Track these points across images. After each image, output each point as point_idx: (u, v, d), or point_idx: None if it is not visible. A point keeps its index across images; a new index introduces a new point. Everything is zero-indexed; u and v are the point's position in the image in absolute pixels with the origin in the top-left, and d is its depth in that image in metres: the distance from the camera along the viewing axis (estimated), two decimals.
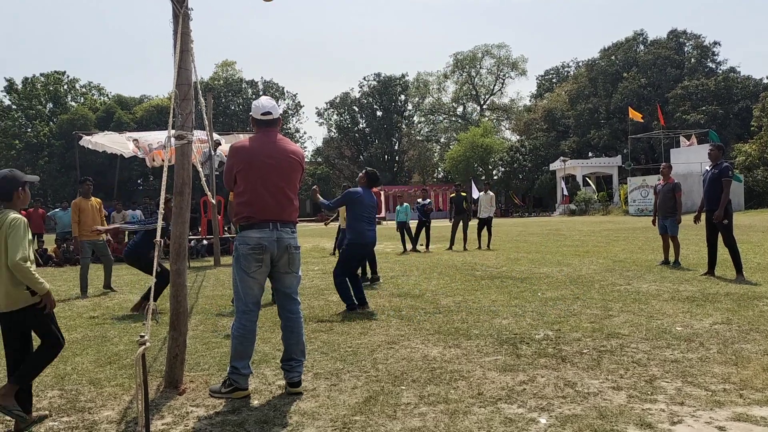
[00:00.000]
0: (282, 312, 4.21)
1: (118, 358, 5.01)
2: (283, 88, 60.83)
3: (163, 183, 4.13)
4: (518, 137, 61.47)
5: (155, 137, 15.50)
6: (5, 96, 54.78)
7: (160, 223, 3.96)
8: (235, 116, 56.24)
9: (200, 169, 5.65)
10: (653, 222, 10.61)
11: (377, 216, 7.78)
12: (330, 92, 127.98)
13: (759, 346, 4.79)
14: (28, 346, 3.69)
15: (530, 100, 68.81)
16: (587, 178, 47.80)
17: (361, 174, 7.54)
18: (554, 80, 67.16)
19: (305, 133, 68.31)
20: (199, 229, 17.15)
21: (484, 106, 70.80)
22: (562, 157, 47.26)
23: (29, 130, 53.21)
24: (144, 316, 6.84)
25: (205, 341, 5.57)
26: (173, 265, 4.30)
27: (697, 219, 9.10)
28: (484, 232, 15.88)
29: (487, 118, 67.74)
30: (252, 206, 4.01)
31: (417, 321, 6.25)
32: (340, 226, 15.47)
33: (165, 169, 4.11)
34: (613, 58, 53.41)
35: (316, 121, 68.57)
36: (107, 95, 60.66)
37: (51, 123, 53.57)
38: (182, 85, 4.29)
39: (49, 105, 56.84)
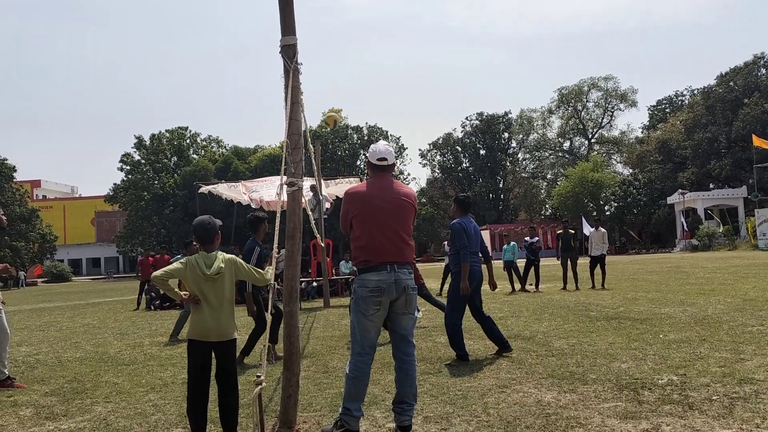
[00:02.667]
0: (397, 354, 4.22)
1: None
2: (386, 132, 62.20)
3: (276, 229, 4.32)
4: (631, 170, 58.91)
5: (266, 190, 16.39)
6: (136, 152, 59.92)
7: (273, 267, 4.14)
8: (342, 161, 58.05)
9: (310, 214, 5.87)
10: None
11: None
12: (432, 133, 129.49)
13: None
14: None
15: (642, 132, 65.98)
16: (709, 212, 44.75)
17: (453, 205, 7.22)
18: (667, 110, 64.13)
19: (409, 174, 69.16)
20: (310, 271, 17.69)
21: (593, 140, 68.62)
22: (680, 190, 44.70)
23: (156, 182, 57.66)
24: (259, 358, 7.11)
25: (317, 382, 5.68)
26: (286, 307, 4.46)
27: None
28: (598, 270, 15.20)
29: (596, 152, 65.53)
30: (368, 250, 4.09)
31: (528, 364, 6.05)
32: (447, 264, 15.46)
33: (278, 215, 4.31)
34: (731, 83, 50.29)
35: (420, 162, 69.26)
36: (225, 147, 64.72)
37: (175, 175, 57.76)
38: (293, 134, 4.51)
39: (174, 158, 61.44)
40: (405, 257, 4.16)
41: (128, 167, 59.11)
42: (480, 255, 6.78)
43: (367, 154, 4.32)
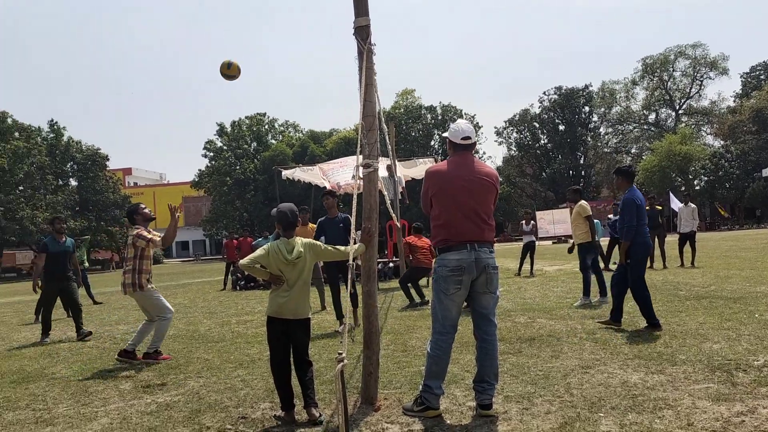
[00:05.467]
0: (478, 333, 4.21)
1: (319, 374, 5.35)
2: (461, 110, 61.44)
3: (353, 211, 4.39)
4: (722, 142, 55.57)
5: (341, 174, 16.61)
6: (218, 139, 62.07)
7: (352, 248, 4.21)
8: (416, 142, 57.91)
9: (385, 195, 5.91)
10: None
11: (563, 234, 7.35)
12: (508, 111, 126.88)
13: None
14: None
15: (734, 101, 61.89)
16: None
17: (617, 178, 7.23)
18: (762, 77, 59.86)
19: (484, 153, 67.99)
20: (386, 252, 17.83)
21: (680, 111, 65.05)
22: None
23: (237, 167, 59.57)
24: (340, 335, 7.28)
25: (396, 360, 5.76)
26: (365, 287, 4.53)
27: None
28: (687, 247, 14.51)
29: (684, 124, 62.13)
30: (448, 229, 4.09)
31: (613, 344, 5.88)
32: (527, 243, 15.19)
33: (354, 197, 4.37)
34: None
35: (495, 141, 68.15)
36: (301, 131, 65.98)
37: (255, 160, 59.48)
38: (368, 116, 4.54)
39: (253, 144, 63.23)
40: (485, 236, 4.12)
41: (211, 154, 61.37)
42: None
43: (448, 134, 4.28)
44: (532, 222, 15.86)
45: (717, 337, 5.89)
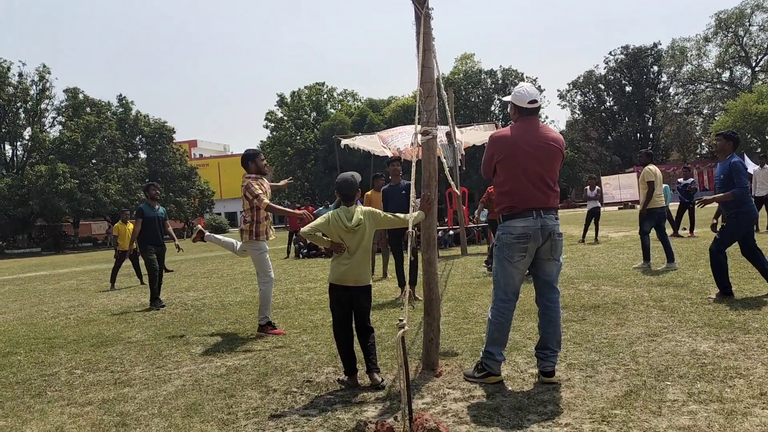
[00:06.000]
0: (540, 300, 4.17)
1: (381, 341, 5.44)
2: (522, 74, 59.87)
3: (412, 178, 4.38)
4: None
5: (401, 140, 16.51)
6: (278, 109, 62.85)
7: (412, 215, 4.22)
8: (476, 107, 56.96)
9: (444, 162, 5.87)
10: None
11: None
12: (572, 73, 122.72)
13: None
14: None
15: None
16: None
17: (721, 142, 6.86)
18: None
19: (547, 117, 66.28)
20: (446, 219, 17.78)
21: (757, 69, 61.26)
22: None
23: (298, 137, 60.28)
24: (401, 302, 7.35)
25: (457, 327, 5.78)
26: (425, 254, 4.55)
27: None
28: (763, 211, 13.81)
29: (761, 82, 58.56)
30: (514, 196, 4.02)
31: (682, 312, 5.71)
32: (591, 209, 14.81)
33: (413, 165, 4.36)
34: None
35: (558, 104, 66.27)
36: (360, 100, 65.97)
37: (315, 130, 60.00)
38: (426, 83, 4.49)
39: (313, 114, 63.73)
40: (551, 203, 4.05)
41: (272, 124, 62.28)
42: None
43: (512, 98, 4.15)
44: (597, 187, 15.43)
45: None
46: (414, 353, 4.85)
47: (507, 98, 4.21)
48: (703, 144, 60.91)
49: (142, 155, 55.27)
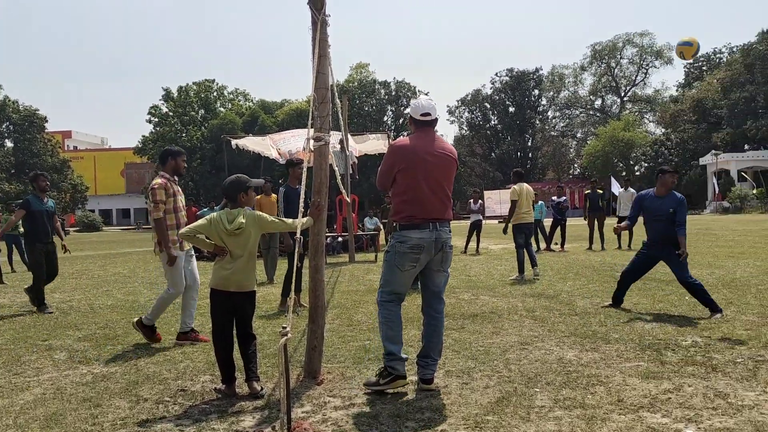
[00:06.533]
0: (427, 310, 4.25)
1: (262, 348, 5.33)
2: (414, 87, 61.36)
3: (303, 183, 4.34)
4: (663, 130, 57.48)
5: (293, 143, 16.36)
6: (163, 104, 60.20)
7: (300, 221, 4.17)
8: (369, 117, 57.64)
9: (336, 169, 5.87)
10: None
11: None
12: (461, 90, 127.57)
13: None
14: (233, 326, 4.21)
15: (677, 90, 63.96)
16: (743, 173, 43.68)
17: (671, 177, 6.70)
18: (704, 68, 61.95)
19: (437, 131, 68.24)
20: (335, 226, 17.81)
21: (625, 98, 66.88)
22: (713, 151, 43.65)
23: (184, 134, 58.00)
24: (285, 310, 7.25)
25: (341, 335, 5.79)
26: (312, 261, 4.51)
27: None
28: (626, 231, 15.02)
29: (628, 111, 63.95)
30: (415, 205, 4.05)
31: (551, 322, 6.07)
32: (474, 222, 15.40)
33: (304, 170, 4.32)
34: None
35: (447, 119, 68.37)
36: (251, 100, 64.66)
37: (203, 128, 58.02)
38: (320, 88, 4.48)
39: (201, 111, 61.61)
40: (447, 214, 4.16)
41: (156, 119, 59.53)
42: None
43: (410, 109, 4.25)
44: (480, 201, 16.09)
45: (649, 317, 6.16)
46: (296, 361, 4.80)
47: (407, 110, 4.31)
48: (575, 165, 65.34)
49: (9, 144, 50.91)
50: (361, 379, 4.29)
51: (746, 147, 48.62)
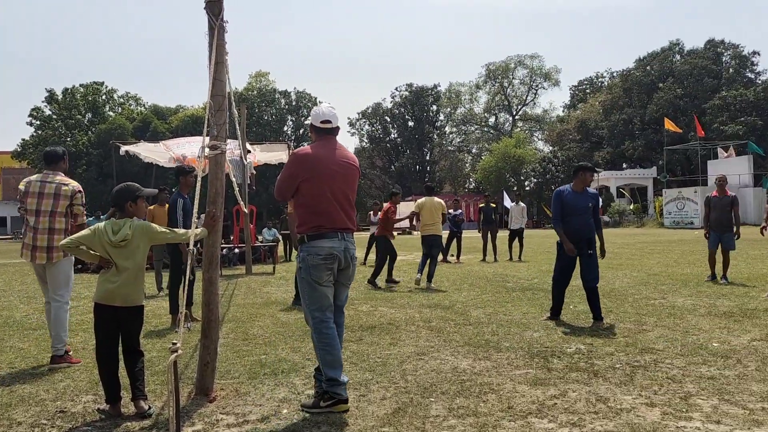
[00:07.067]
0: None
1: (151, 365, 5.07)
2: (315, 98, 61.31)
3: (197, 192, 4.19)
4: (551, 148, 60.88)
5: (189, 148, 15.77)
6: (46, 106, 56.39)
7: (193, 233, 4.02)
8: (268, 126, 56.90)
9: (233, 179, 5.73)
10: (705, 236, 9.97)
11: (399, 227, 7.70)
12: (362, 102, 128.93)
13: None
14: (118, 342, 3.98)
15: (563, 111, 68.17)
16: (621, 190, 47.07)
17: (587, 174, 7.19)
18: (588, 90, 66.45)
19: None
20: (231, 237, 17.36)
21: (517, 117, 70.33)
22: (595, 168, 46.72)
23: (69, 139, 54.57)
24: (176, 324, 6.95)
25: (236, 349, 5.62)
26: (206, 274, 4.36)
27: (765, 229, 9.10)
28: (516, 243, 15.72)
29: (519, 129, 67.27)
30: (322, 215, 3.97)
31: (447, 332, 6.21)
32: (374, 234, 15.50)
33: (199, 179, 4.17)
34: (648, 68, 52.69)
35: (348, 131, 68.80)
36: (144, 105, 61.97)
37: (90, 132, 54.88)
38: (217, 96, 4.36)
39: (88, 115, 58.28)
40: (353, 224, 4.12)
41: (38, 122, 55.65)
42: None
43: (310, 118, 4.18)
44: (380, 213, 16.24)
45: (537, 326, 6.46)
46: (188, 378, 4.60)
47: (308, 120, 4.26)
48: (471, 179, 67.74)
49: None
50: (256, 395, 4.18)
51: (624, 165, 52.57)
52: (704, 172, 40.27)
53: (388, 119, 67.26)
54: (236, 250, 16.20)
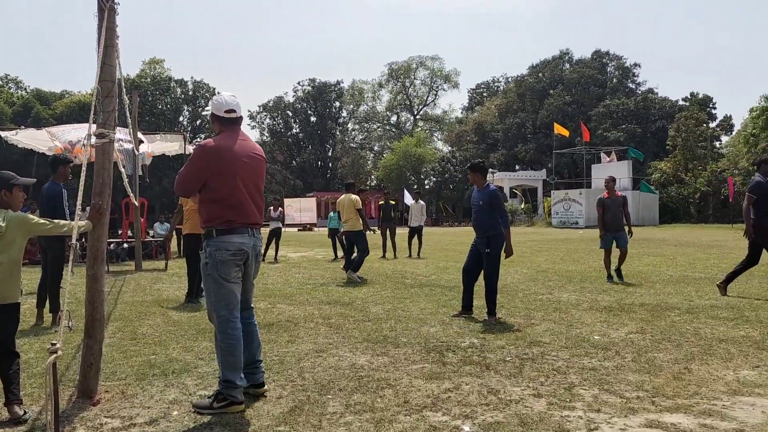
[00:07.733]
0: (240, 321, 4.06)
1: (28, 367, 4.71)
2: (214, 89, 59.52)
3: (81, 183, 3.92)
4: (450, 148, 62.63)
5: (75, 134, 14.80)
6: None
7: (76, 225, 3.77)
8: (162, 116, 54.61)
9: (122, 170, 5.43)
10: (601, 236, 10.06)
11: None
12: (263, 95, 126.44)
13: (670, 355, 5.04)
14: None
15: (462, 113, 70.34)
16: (515, 190, 49.22)
17: (475, 175, 7.11)
18: (485, 94, 68.96)
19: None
20: (120, 231, 16.51)
21: (418, 117, 71.75)
22: (490, 169, 48.55)
23: None
24: (56, 323, 6.50)
25: (123, 349, 5.34)
26: (90, 270, 4.10)
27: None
28: (415, 240, 16.02)
29: (420, 129, 68.65)
30: (234, 210, 3.85)
31: (346, 329, 6.22)
32: (273, 229, 15.27)
33: (84, 168, 3.90)
34: (540, 75, 55.44)
35: (248, 124, 67.25)
36: (25, 89, 57.61)
37: None
38: (105, 81, 4.10)
39: None
40: (262, 218, 4.07)
41: None
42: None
43: (211, 107, 4.00)
44: (280, 209, 16.02)
45: (434, 321, 6.60)
46: (69, 380, 4.32)
47: (208, 109, 4.11)
48: (372, 177, 68.38)
49: None
50: (145, 397, 3.99)
51: (517, 167, 55.02)
52: (588, 175, 42.98)
53: (290, 114, 66.54)
54: (125, 245, 15.39)
